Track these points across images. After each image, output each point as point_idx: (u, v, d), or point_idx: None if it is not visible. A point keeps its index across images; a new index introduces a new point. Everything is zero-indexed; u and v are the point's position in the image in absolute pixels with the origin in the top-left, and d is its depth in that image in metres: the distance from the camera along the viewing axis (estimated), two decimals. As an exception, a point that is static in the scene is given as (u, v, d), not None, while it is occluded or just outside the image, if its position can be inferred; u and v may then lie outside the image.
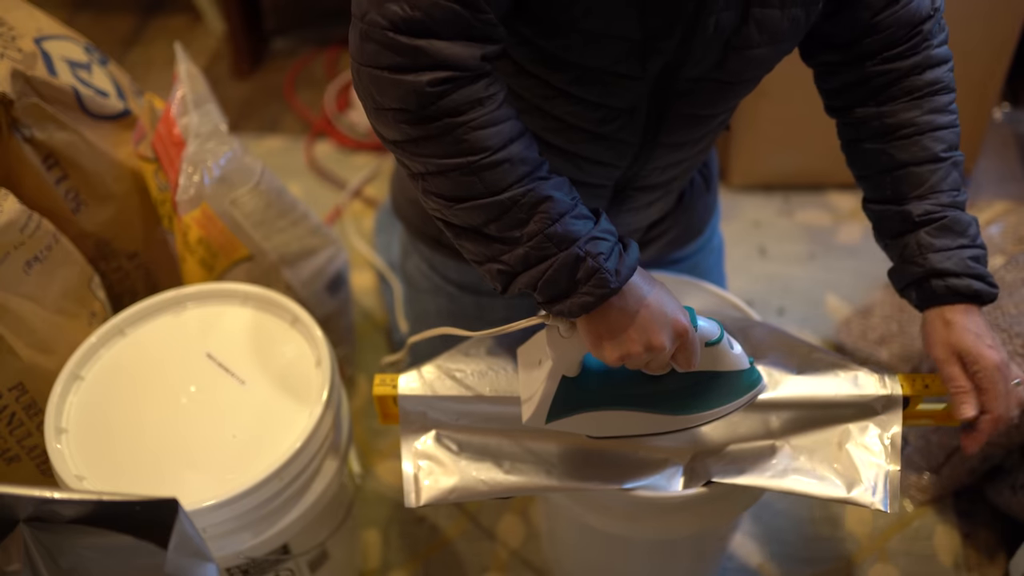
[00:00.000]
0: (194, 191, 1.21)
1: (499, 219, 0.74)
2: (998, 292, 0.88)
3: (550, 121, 0.89)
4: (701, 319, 0.81)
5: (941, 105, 0.89)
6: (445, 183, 0.74)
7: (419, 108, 0.70)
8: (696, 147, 0.97)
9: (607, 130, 0.88)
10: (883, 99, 0.91)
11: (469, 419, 0.93)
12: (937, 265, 0.87)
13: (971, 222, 0.88)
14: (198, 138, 1.22)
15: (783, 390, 0.91)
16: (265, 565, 1.05)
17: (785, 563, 1.34)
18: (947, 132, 0.89)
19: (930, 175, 0.88)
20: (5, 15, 1.22)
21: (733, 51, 0.82)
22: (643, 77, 0.83)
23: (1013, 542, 1.30)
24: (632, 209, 1.03)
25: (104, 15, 2.50)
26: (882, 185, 0.92)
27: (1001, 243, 1.43)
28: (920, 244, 0.88)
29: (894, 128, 0.90)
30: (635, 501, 0.93)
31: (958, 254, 0.87)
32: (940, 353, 0.88)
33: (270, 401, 1.04)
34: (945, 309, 0.88)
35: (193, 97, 1.25)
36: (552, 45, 0.80)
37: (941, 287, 0.87)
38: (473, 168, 0.72)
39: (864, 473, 0.88)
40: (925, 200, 0.88)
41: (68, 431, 1.01)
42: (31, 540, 0.72)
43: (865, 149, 0.93)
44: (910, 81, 0.89)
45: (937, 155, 0.88)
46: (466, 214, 0.75)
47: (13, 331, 1.08)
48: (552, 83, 0.85)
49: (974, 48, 1.69)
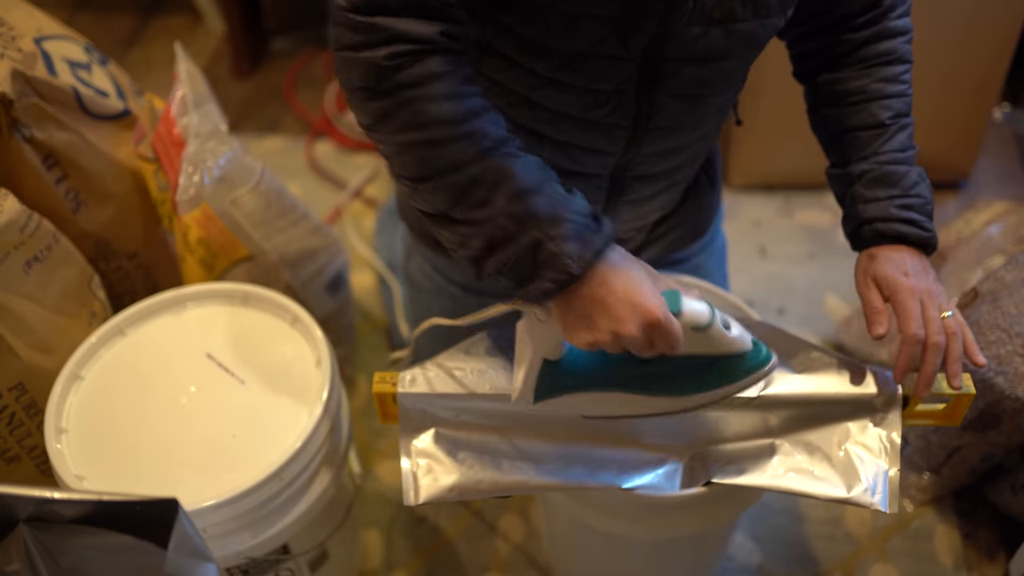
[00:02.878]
0: (194, 191, 1.21)
1: (462, 200, 0.74)
2: (933, 235, 0.91)
3: (540, 112, 0.89)
4: (692, 301, 0.78)
5: (892, 75, 0.93)
6: (409, 161, 0.74)
7: (377, 84, 0.72)
8: (694, 133, 0.96)
9: (596, 115, 0.88)
10: (839, 66, 0.95)
11: (469, 417, 0.93)
12: (864, 215, 0.92)
13: (906, 173, 0.91)
14: (198, 138, 1.22)
15: (783, 389, 0.91)
16: (265, 565, 1.05)
17: (785, 563, 1.34)
18: (896, 100, 0.92)
19: (873, 139, 0.92)
20: (5, 15, 1.22)
21: (717, 25, 0.82)
22: (627, 57, 0.83)
23: (1013, 542, 1.30)
24: (632, 201, 1.03)
25: (104, 15, 2.50)
26: (835, 150, 0.97)
27: (1001, 243, 1.43)
28: (854, 197, 0.93)
29: (846, 95, 0.94)
30: (635, 501, 0.93)
31: (887, 203, 0.91)
32: (859, 281, 0.93)
33: (270, 401, 1.04)
34: (872, 248, 0.92)
35: (193, 97, 1.25)
36: (532, 31, 0.81)
37: (868, 231, 0.92)
38: (433, 142, 0.72)
39: (864, 473, 0.88)
40: (865, 161, 0.93)
41: (68, 431, 1.01)
42: (31, 540, 0.72)
43: (821, 115, 0.97)
44: (864, 51, 0.93)
45: (882, 122, 0.92)
46: (432, 196, 0.75)
47: (13, 331, 1.08)
48: (538, 71, 0.85)
49: (974, 48, 1.69)
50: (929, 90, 0.89)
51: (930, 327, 0.86)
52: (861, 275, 0.93)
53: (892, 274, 0.89)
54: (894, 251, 0.91)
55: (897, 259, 0.90)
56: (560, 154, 0.93)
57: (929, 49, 0.90)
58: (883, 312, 0.90)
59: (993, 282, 1.26)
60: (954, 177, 1.91)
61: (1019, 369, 1.17)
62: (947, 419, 0.95)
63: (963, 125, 1.82)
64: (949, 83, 1.73)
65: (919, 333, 0.86)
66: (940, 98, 1.75)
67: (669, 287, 0.79)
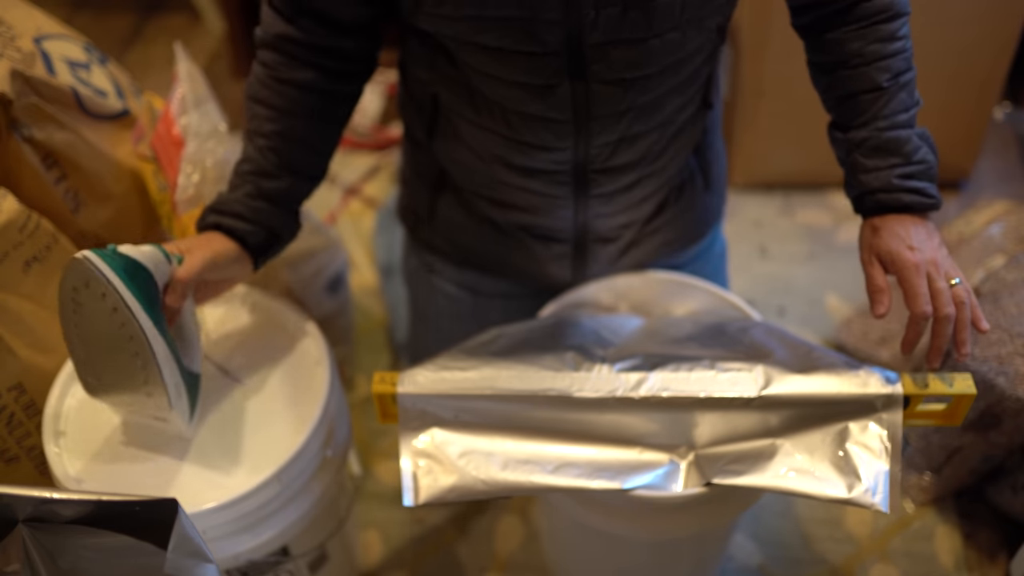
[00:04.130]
0: (193, 190, 1.21)
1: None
2: (937, 200, 0.90)
3: (489, 107, 0.91)
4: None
5: (888, 33, 0.90)
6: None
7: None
8: (646, 122, 0.95)
9: (535, 109, 0.89)
10: (836, 23, 0.92)
11: (469, 417, 0.93)
12: (867, 185, 0.91)
13: (907, 139, 0.90)
14: (197, 137, 1.22)
15: (783, 389, 0.91)
16: (265, 567, 1.04)
17: (785, 564, 1.34)
18: (893, 60, 0.90)
19: (871, 104, 0.91)
20: (4, 14, 1.22)
21: (634, 6, 0.82)
22: (547, 52, 0.83)
23: (1014, 543, 1.30)
24: (601, 196, 1.02)
25: (103, 14, 2.49)
26: (834, 111, 0.95)
27: (1001, 243, 1.43)
28: (855, 166, 0.92)
29: (845, 58, 0.92)
30: (635, 501, 0.93)
31: (888, 173, 0.90)
32: (863, 255, 0.92)
33: (270, 401, 1.04)
34: (876, 219, 0.92)
35: (193, 97, 1.25)
36: (452, 31, 0.84)
37: (871, 202, 0.92)
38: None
39: (864, 473, 0.88)
40: (864, 127, 0.91)
41: (66, 434, 1.00)
42: (30, 540, 0.71)
43: (820, 76, 0.96)
44: (862, 7, 0.90)
45: (880, 84, 0.90)
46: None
47: (12, 331, 1.07)
48: (474, 65, 0.87)
49: (974, 48, 1.69)
50: (930, 90, 0.88)
51: (938, 300, 0.85)
52: (866, 250, 0.92)
53: (896, 248, 0.88)
54: (898, 222, 0.89)
55: (901, 231, 0.89)
56: (516, 152, 0.95)
57: (930, 49, 0.90)
58: (885, 291, 0.89)
59: (994, 282, 1.26)
60: (955, 177, 1.91)
61: (1020, 369, 1.17)
62: (948, 419, 0.95)
63: (964, 125, 1.82)
64: (950, 83, 1.73)
65: (927, 310, 0.85)
66: (941, 98, 1.75)
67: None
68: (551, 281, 1.15)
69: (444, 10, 0.83)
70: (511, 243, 1.10)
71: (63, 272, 0.85)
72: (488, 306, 1.19)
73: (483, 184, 1.03)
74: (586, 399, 0.92)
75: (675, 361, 0.95)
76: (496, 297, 1.18)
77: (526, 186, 0.99)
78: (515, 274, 1.15)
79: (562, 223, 1.05)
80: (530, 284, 1.17)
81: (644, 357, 0.96)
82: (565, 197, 1.00)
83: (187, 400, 0.96)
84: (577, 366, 0.94)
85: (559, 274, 1.13)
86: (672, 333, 1.04)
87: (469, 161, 1.00)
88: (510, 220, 1.07)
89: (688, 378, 0.92)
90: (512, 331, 1.01)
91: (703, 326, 1.05)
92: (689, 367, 0.94)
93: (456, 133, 0.98)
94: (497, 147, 0.95)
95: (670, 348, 0.99)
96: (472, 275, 1.17)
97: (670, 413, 0.92)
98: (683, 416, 0.92)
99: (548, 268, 1.12)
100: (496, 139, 0.94)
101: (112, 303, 0.85)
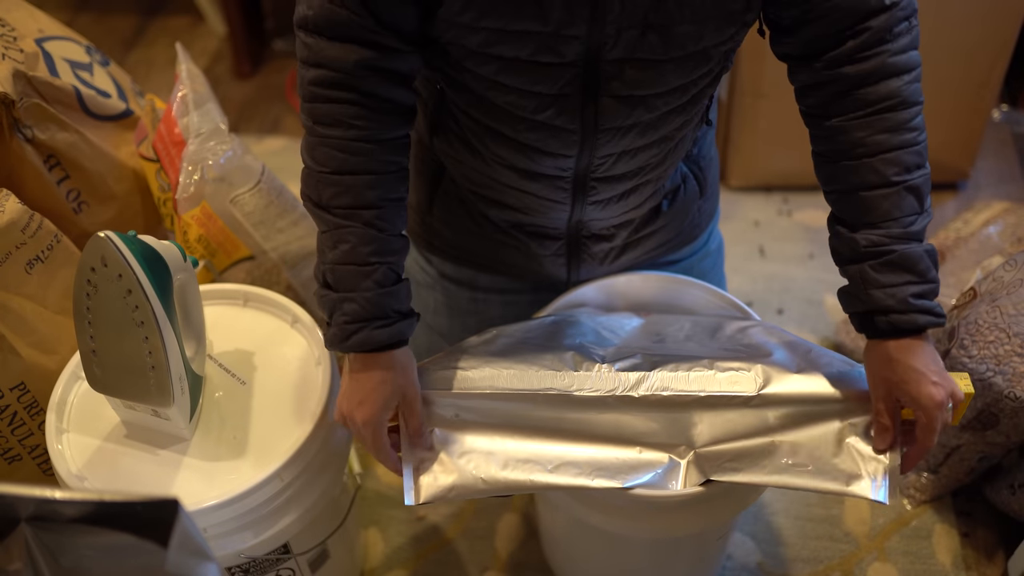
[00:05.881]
0: (194, 189, 1.21)
1: (322, 231, 0.88)
2: (945, 321, 0.86)
3: (497, 110, 0.91)
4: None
5: (897, 123, 0.83)
6: (304, 173, 0.89)
7: (306, 101, 0.87)
8: (650, 136, 0.94)
9: (544, 117, 0.89)
10: (837, 110, 0.86)
11: (469, 417, 0.93)
12: (879, 303, 0.85)
13: (921, 256, 0.84)
14: (198, 137, 1.22)
15: (782, 388, 0.92)
16: (266, 565, 1.05)
17: (784, 562, 1.34)
18: (903, 153, 0.84)
19: (880, 201, 0.84)
20: (6, 16, 1.22)
21: (653, 29, 0.82)
22: (564, 63, 0.83)
23: (1012, 541, 1.30)
24: (598, 202, 1.02)
25: (105, 16, 2.50)
26: (839, 206, 0.89)
27: (1000, 243, 1.43)
28: (864, 278, 0.86)
29: (847, 148, 0.86)
30: (635, 500, 0.93)
31: (902, 291, 0.84)
32: (877, 390, 0.88)
33: (270, 401, 1.04)
34: (889, 344, 0.86)
35: (194, 97, 1.26)
36: (471, 42, 0.83)
37: (884, 323, 0.85)
38: (312, 168, 0.88)
39: (863, 467, 0.89)
40: (875, 229, 0.85)
41: (69, 431, 1.01)
42: (33, 539, 0.72)
43: (824, 165, 0.90)
44: (863, 93, 0.84)
45: (889, 180, 0.84)
46: (312, 213, 0.90)
47: (15, 331, 1.08)
48: (483, 75, 0.87)
49: (974, 48, 1.69)
50: (928, 91, 0.87)
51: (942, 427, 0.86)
52: (881, 384, 0.87)
53: (924, 391, 0.84)
54: (911, 352, 0.84)
55: (919, 364, 0.84)
56: (519, 155, 0.95)
57: (928, 50, 0.90)
58: (890, 430, 0.88)
59: (991, 282, 1.26)
60: (953, 177, 1.91)
61: (1017, 369, 1.18)
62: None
63: (962, 126, 1.82)
64: (948, 84, 1.74)
65: (934, 442, 0.86)
66: (939, 99, 1.75)
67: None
68: (547, 278, 1.15)
69: (464, 19, 0.81)
70: (506, 240, 1.10)
71: (83, 250, 0.87)
72: (486, 302, 1.19)
73: (482, 184, 1.04)
74: (586, 398, 0.92)
75: (674, 360, 0.95)
76: (494, 293, 1.19)
77: (526, 188, 1.00)
78: (511, 270, 1.15)
79: (556, 223, 1.06)
80: (527, 280, 1.17)
81: (643, 356, 0.96)
82: (563, 201, 1.01)
83: (188, 398, 0.97)
84: (577, 365, 0.94)
85: (554, 271, 1.13)
86: (671, 332, 1.05)
87: (470, 161, 1.01)
88: (505, 218, 1.08)
89: (687, 377, 0.93)
90: (512, 330, 1.01)
91: (702, 326, 1.06)
92: (688, 366, 0.94)
93: (459, 133, 0.99)
94: (501, 149, 0.95)
95: (669, 347, 0.99)
96: (470, 271, 1.17)
97: (669, 412, 0.93)
98: (682, 415, 0.93)
99: (543, 265, 1.13)
100: (501, 142, 0.94)
101: (127, 284, 0.87)
